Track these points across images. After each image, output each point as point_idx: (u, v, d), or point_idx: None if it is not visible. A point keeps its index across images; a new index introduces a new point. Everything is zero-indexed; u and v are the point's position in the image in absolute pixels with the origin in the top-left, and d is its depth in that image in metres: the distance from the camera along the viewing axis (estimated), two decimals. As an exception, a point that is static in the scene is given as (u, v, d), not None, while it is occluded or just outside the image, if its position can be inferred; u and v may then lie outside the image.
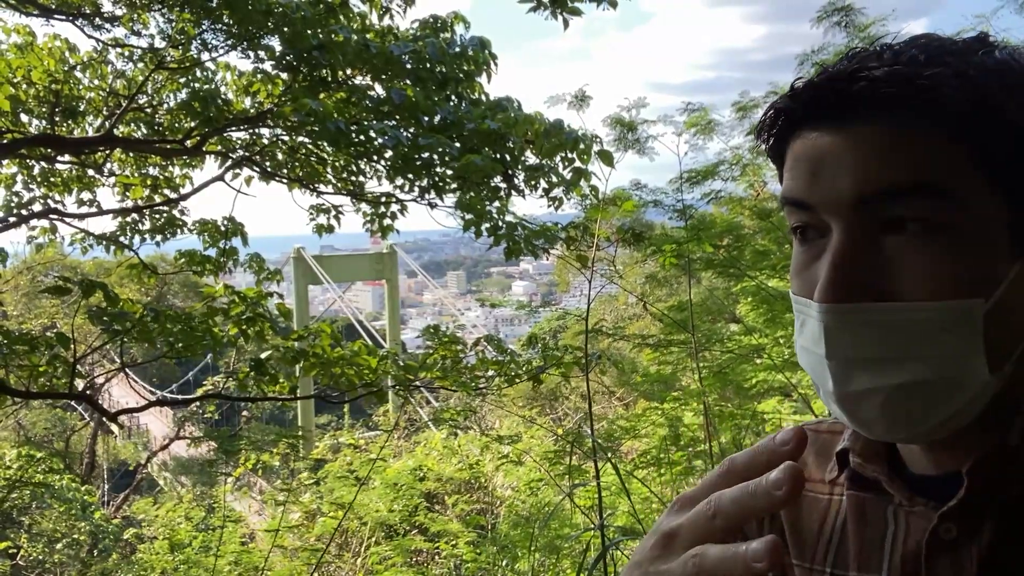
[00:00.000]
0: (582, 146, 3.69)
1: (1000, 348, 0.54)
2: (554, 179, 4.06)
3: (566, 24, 3.31)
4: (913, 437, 0.58)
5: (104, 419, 16.08)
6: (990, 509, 0.56)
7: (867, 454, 0.64)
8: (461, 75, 4.47)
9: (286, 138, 4.97)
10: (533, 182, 4.10)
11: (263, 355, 3.95)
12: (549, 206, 4.15)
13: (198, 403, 11.76)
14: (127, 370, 6.41)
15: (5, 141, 4.85)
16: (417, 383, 4.18)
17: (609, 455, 2.78)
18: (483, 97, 4.61)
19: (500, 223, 4.06)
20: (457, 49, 4.50)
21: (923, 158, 0.52)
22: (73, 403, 16.90)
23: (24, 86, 5.19)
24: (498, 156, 3.91)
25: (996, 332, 0.53)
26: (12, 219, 5.53)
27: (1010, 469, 0.56)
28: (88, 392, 4.85)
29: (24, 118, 5.35)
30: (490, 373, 4.15)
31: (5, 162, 5.45)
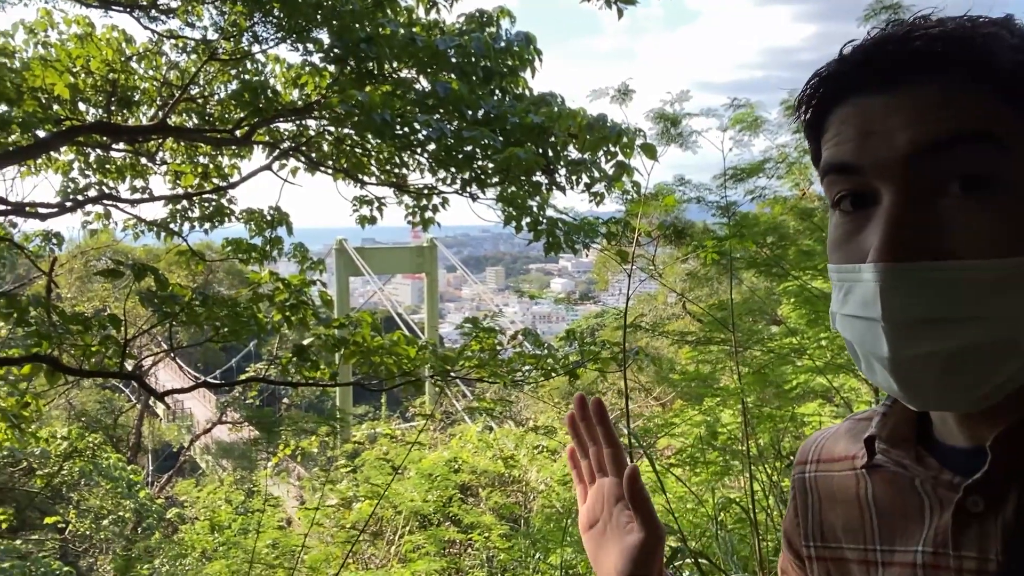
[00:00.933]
0: (625, 140, 3.67)
1: None
2: (596, 174, 4.04)
3: (620, 13, 3.29)
4: (963, 405, 0.57)
5: (150, 401, 16.52)
6: (1015, 482, 0.56)
7: (894, 439, 0.65)
8: (505, 70, 4.48)
9: (332, 129, 5.04)
10: (575, 177, 4.10)
11: (305, 342, 4.02)
12: (590, 201, 4.14)
13: (240, 389, 12.01)
14: (174, 354, 6.58)
15: (63, 128, 5.01)
16: (454, 374, 4.22)
17: (647, 452, 2.77)
18: (527, 92, 4.62)
19: (541, 218, 4.06)
20: (502, 44, 4.51)
21: (977, 110, 0.52)
22: (121, 385, 17.41)
23: (83, 75, 5.36)
24: (540, 150, 3.91)
25: None
26: (68, 204, 5.72)
27: None
28: (137, 372, 5.00)
29: (82, 106, 5.52)
30: (526, 367, 4.16)
31: (63, 149, 5.63)
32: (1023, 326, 0.52)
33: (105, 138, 5.55)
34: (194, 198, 6.10)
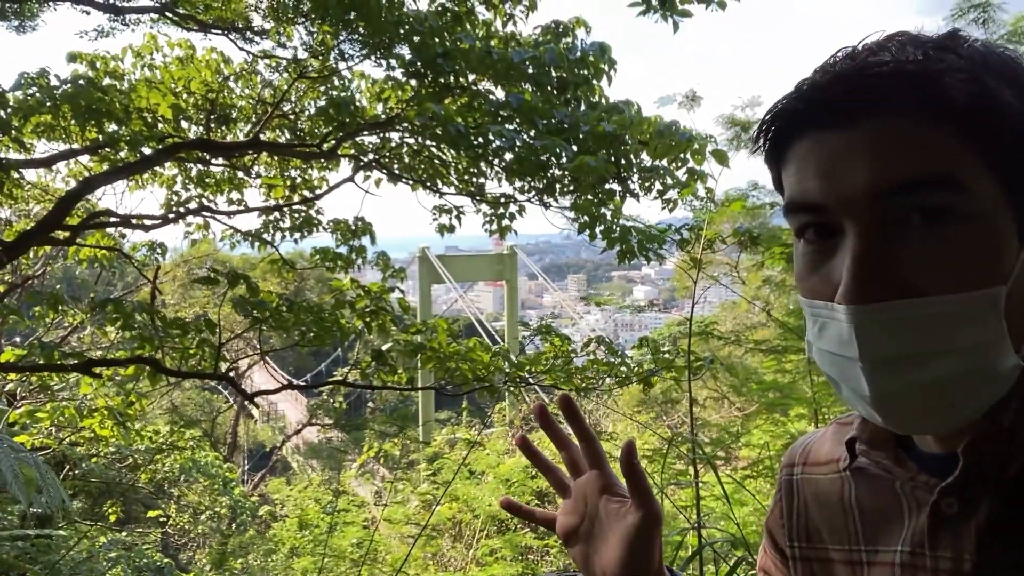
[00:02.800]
0: (696, 146, 3.64)
1: (1018, 330, 0.55)
2: (668, 181, 4.03)
3: (676, 27, 3.29)
4: (946, 429, 0.58)
5: (245, 402, 17.30)
6: (988, 486, 0.58)
7: (874, 441, 0.67)
8: (580, 79, 4.52)
9: (412, 141, 5.19)
10: (647, 184, 4.09)
11: (384, 347, 4.16)
12: (663, 208, 4.12)
13: (328, 392, 12.42)
14: (266, 358, 6.88)
15: (167, 145, 5.36)
16: (529, 380, 4.27)
17: (712, 461, 2.74)
18: (602, 100, 4.64)
19: (614, 226, 4.07)
20: (577, 54, 4.55)
21: (935, 150, 0.53)
22: (219, 387, 18.31)
23: (184, 95, 5.71)
24: (613, 158, 3.93)
25: (1014, 316, 0.54)
26: (171, 216, 6.10)
27: (1007, 448, 0.57)
28: (231, 374, 5.29)
29: (183, 124, 5.89)
30: (600, 374, 4.17)
31: (166, 164, 6.02)
32: (996, 351, 0.54)
33: (204, 154, 5.88)
34: (285, 209, 6.39)
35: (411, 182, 5.41)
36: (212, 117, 5.86)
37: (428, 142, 4.73)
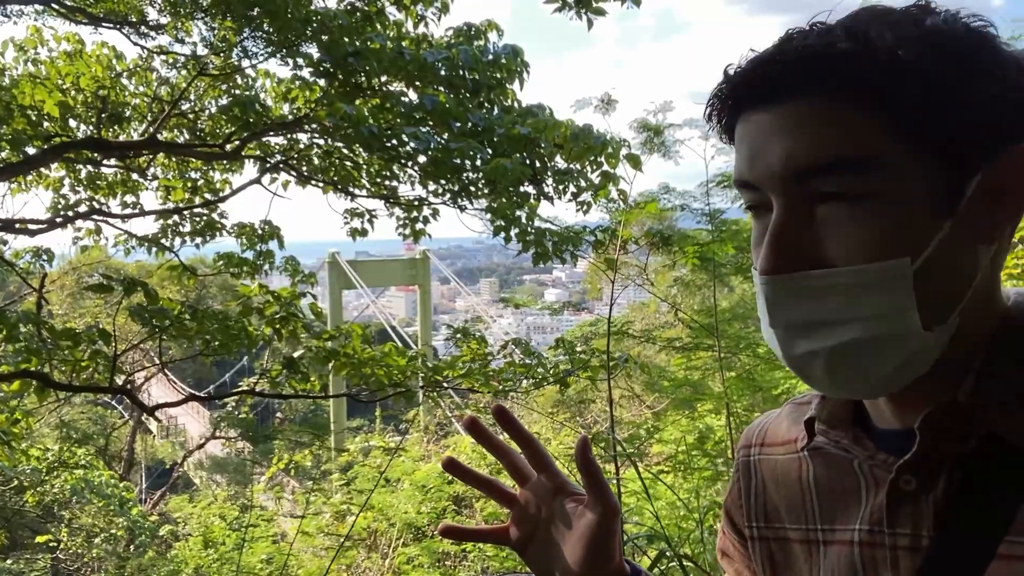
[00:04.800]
0: (610, 150, 3.71)
1: (938, 305, 0.57)
2: (583, 183, 4.08)
3: (590, 24, 3.34)
4: (863, 392, 0.62)
5: (143, 417, 16.43)
6: (946, 462, 0.59)
7: (832, 421, 0.68)
8: (494, 82, 4.52)
9: (321, 142, 5.07)
10: (562, 187, 4.14)
11: (296, 354, 4.03)
12: (577, 211, 4.17)
13: (233, 404, 11.97)
14: (165, 370, 6.57)
15: (53, 144, 5.03)
16: (445, 384, 4.23)
17: (632, 458, 2.79)
18: (515, 104, 4.66)
19: (529, 228, 4.09)
20: (490, 57, 4.56)
21: (843, 132, 0.55)
22: (113, 402, 17.31)
23: (72, 92, 5.37)
24: (528, 161, 3.95)
25: (931, 289, 0.56)
26: (58, 220, 5.72)
27: (964, 423, 0.58)
28: (127, 387, 5.00)
29: (72, 123, 5.54)
30: (517, 376, 4.18)
31: (53, 166, 5.64)
32: (899, 321, 0.56)
33: (95, 154, 5.56)
34: (185, 213, 6.11)
35: (321, 184, 5.27)
36: (103, 115, 5.55)
37: (339, 144, 4.62)
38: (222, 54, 5.22)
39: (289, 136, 5.48)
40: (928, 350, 0.57)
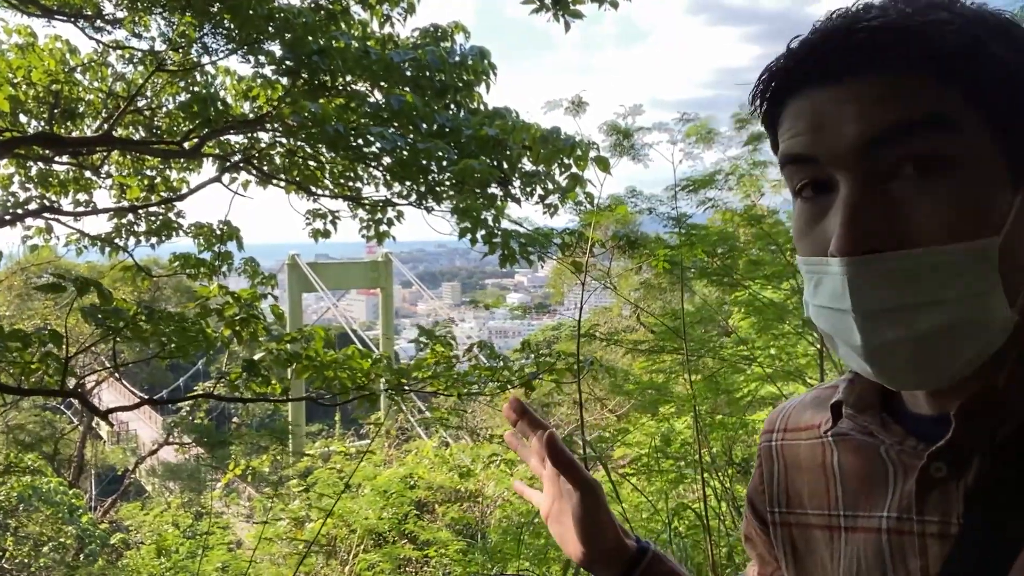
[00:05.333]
0: (579, 152, 3.71)
1: (1014, 282, 0.55)
2: (550, 186, 4.08)
3: (567, 27, 3.34)
4: (937, 382, 0.59)
5: (93, 423, 15.97)
6: (978, 448, 0.58)
7: (860, 405, 0.67)
8: (460, 84, 4.50)
9: (284, 141, 4.99)
10: (529, 189, 4.13)
11: (256, 356, 3.95)
12: (544, 213, 4.17)
13: (188, 408, 11.72)
14: (118, 373, 6.38)
15: (2, 140, 4.85)
16: (408, 387, 4.18)
17: (601, 461, 2.79)
18: (482, 106, 4.65)
19: (496, 230, 4.08)
20: (457, 58, 4.53)
21: (923, 98, 0.54)
22: (63, 407, 16.80)
23: (24, 86, 5.20)
24: (495, 163, 3.94)
25: (1008, 267, 0.55)
26: (7, 218, 5.52)
27: (998, 410, 0.57)
28: (78, 391, 4.84)
29: (23, 119, 5.36)
30: (482, 379, 4.15)
31: (2, 162, 5.45)
32: (988, 303, 0.55)
33: (47, 150, 5.39)
34: (140, 212, 5.96)
35: (283, 184, 5.18)
36: (56, 111, 5.38)
37: (302, 143, 4.55)
38: (181, 50, 5.10)
39: (250, 135, 5.39)
40: (1005, 333, 0.56)
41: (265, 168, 5.37)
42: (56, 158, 5.59)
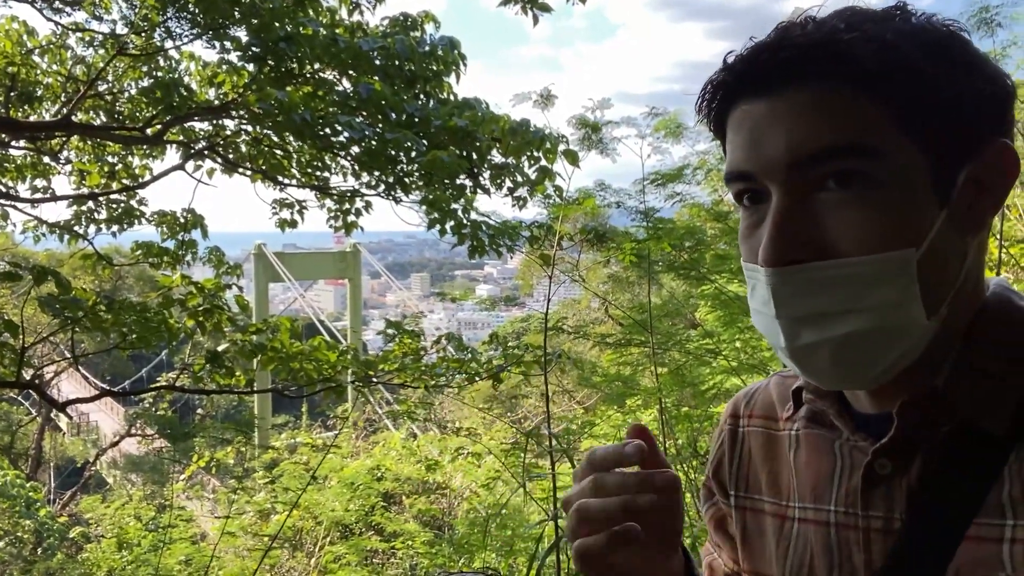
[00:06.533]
0: (548, 145, 3.71)
1: (935, 293, 0.58)
2: (519, 178, 4.08)
3: (535, 20, 3.33)
4: (862, 384, 0.62)
5: (52, 414, 15.63)
6: (920, 447, 0.60)
7: (819, 391, 0.69)
8: (430, 74, 4.46)
9: (250, 129, 4.90)
10: (499, 181, 4.12)
11: (220, 347, 3.89)
12: (513, 205, 4.17)
13: (150, 399, 11.52)
14: (77, 364, 6.24)
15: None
16: (376, 379, 4.16)
17: (568, 452, 2.80)
18: (451, 97, 4.61)
19: (465, 221, 4.06)
20: (427, 48, 4.49)
21: (847, 119, 0.56)
22: (20, 398, 16.40)
23: (-23, 68, 5.05)
24: (464, 154, 3.91)
25: (930, 278, 0.57)
26: (-39, 204, 5.37)
27: (939, 411, 0.60)
28: (35, 382, 4.73)
29: (-23, 101, 5.20)
30: (450, 371, 4.14)
31: (-45, 145, 5.29)
32: (905, 311, 0.57)
33: (2, 135, 5.24)
34: (101, 199, 5.82)
35: (249, 173, 5.10)
36: (12, 94, 5.23)
37: (269, 131, 4.47)
38: (144, 34, 4.99)
39: (215, 122, 5.29)
40: (924, 340, 0.58)
41: (230, 156, 5.28)
42: (12, 143, 5.44)
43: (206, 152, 5.24)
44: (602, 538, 0.62)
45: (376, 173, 4.22)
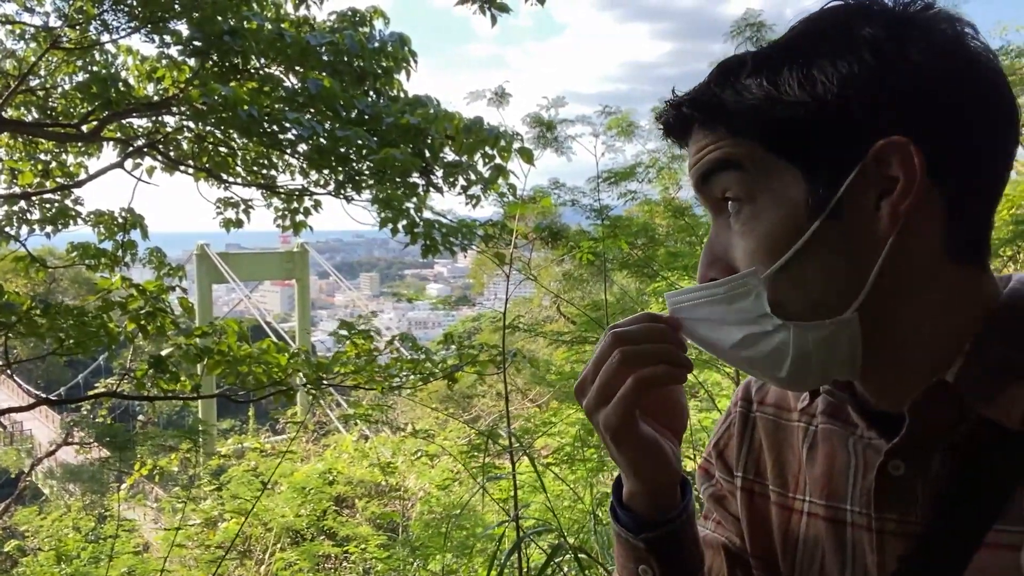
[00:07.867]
0: (502, 143, 3.68)
1: (819, 300, 0.60)
2: (473, 176, 4.04)
3: (494, 20, 3.31)
4: (788, 385, 0.66)
5: (-17, 424, 14.94)
6: (938, 448, 0.59)
7: (837, 383, 0.69)
8: (380, 70, 4.39)
9: (192, 126, 4.76)
10: (452, 179, 4.07)
11: (163, 352, 3.76)
12: (467, 204, 4.13)
13: (88, 406, 11.12)
14: (11, 371, 5.99)
15: None
16: (328, 382, 4.07)
17: (527, 452, 2.79)
18: (402, 94, 4.55)
19: (417, 220, 4.01)
20: (376, 44, 4.42)
21: (725, 148, 0.63)
22: (-53, 407, 15.61)
23: None
24: (417, 152, 3.86)
25: (807, 286, 0.60)
26: None
27: (954, 408, 0.58)
28: (-35, 392, 4.50)
29: None
30: (404, 372, 4.09)
31: None
32: (761, 322, 0.61)
33: (-75, 131, 4.97)
34: (33, 198, 5.58)
35: (192, 171, 4.95)
36: (-65, 88, 4.96)
37: (213, 128, 4.34)
38: (78, 27, 4.79)
39: (155, 118, 5.11)
40: (833, 342, 0.59)
41: (171, 154, 5.11)
42: (-64, 140, 5.17)
43: (145, 149, 5.07)
44: (632, 381, 0.65)
45: (326, 171, 4.13)
